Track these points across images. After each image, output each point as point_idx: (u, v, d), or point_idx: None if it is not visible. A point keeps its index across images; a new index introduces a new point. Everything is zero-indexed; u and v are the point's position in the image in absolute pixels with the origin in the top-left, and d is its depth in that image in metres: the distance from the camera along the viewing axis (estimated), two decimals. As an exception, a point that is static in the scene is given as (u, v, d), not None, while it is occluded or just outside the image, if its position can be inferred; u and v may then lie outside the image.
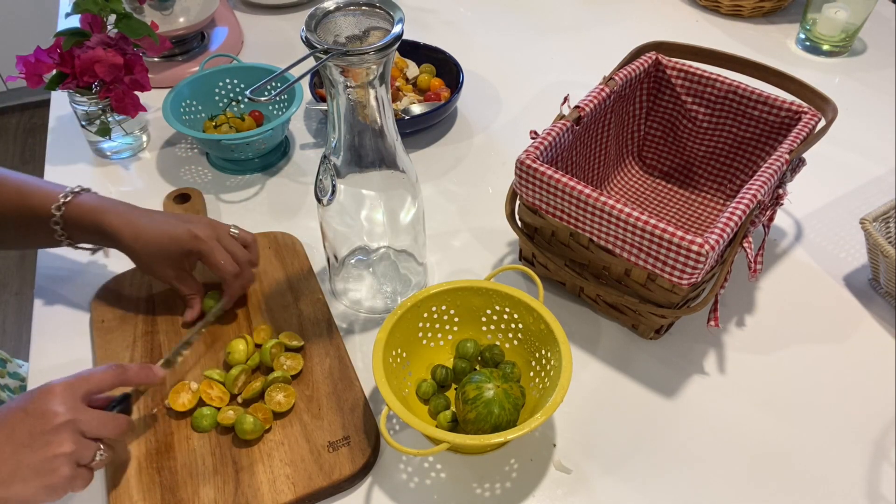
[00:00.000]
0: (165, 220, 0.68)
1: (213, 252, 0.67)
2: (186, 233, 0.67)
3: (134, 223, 0.66)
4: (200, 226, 0.68)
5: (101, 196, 0.69)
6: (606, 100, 0.74)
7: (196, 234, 0.67)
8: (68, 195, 0.66)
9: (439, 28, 1.19)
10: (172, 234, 0.67)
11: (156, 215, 0.69)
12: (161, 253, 0.67)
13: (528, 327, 0.66)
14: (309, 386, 0.66)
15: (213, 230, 0.69)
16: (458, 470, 0.62)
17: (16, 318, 1.92)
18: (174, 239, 0.67)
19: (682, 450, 0.64)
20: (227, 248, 0.69)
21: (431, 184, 0.90)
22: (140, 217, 0.67)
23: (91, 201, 0.67)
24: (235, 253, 0.69)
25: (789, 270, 0.79)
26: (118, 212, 0.67)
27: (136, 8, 1.00)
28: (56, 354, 0.70)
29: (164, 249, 0.67)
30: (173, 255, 0.67)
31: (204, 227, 0.68)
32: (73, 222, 0.66)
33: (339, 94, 0.58)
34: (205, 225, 0.69)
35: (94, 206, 0.67)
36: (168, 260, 0.68)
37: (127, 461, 0.60)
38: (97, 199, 0.68)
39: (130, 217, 0.67)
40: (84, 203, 0.67)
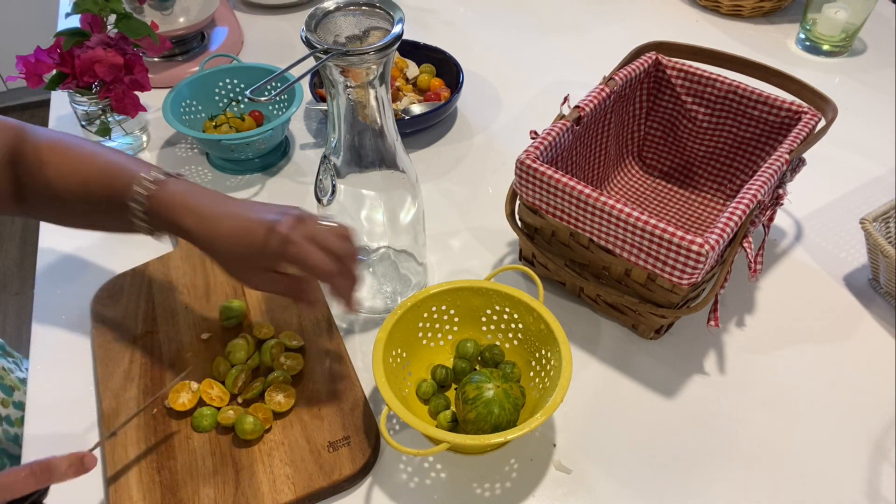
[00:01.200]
0: (248, 220, 0.56)
1: (305, 253, 0.55)
2: (274, 236, 0.55)
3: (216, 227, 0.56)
4: (289, 224, 0.55)
5: (189, 184, 0.59)
6: (606, 100, 0.74)
7: (284, 236, 0.55)
8: (155, 183, 0.57)
9: (439, 28, 1.19)
10: (253, 238, 0.56)
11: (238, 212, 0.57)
12: (245, 258, 0.57)
13: (529, 327, 0.66)
14: (309, 386, 0.66)
15: (304, 227, 0.56)
16: (458, 470, 0.62)
17: (16, 318, 1.92)
18: (256, 243, 0.55)
19: (682, 449, 0.64)
20: (323, 243, 0.56)
21: (431, 184, 0.90)
22: (221, 218, 0.57)
23: (176, 193, 0.58)
24: (332, 247, 0.57)
25: (789, 270, 0.79)
26: (196, 209, 0.57)
27: (136, 8, 1.00)
28: (56, 354, 0.70)
29: (247, 255, 0.56)
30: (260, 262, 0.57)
31: (293, 226, 0.55)
32: (154, 214, 0.58)
33: (339, 94, 0.58)
34: (295, 222, 0.56)
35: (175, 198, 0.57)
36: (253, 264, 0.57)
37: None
38: (183, 189, 0.58)
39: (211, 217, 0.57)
40: (167, 196, 0.57)
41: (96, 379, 0.67)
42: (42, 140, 0.62)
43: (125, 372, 0.67)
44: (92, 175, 0.60)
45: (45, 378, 0.69)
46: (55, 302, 0.75)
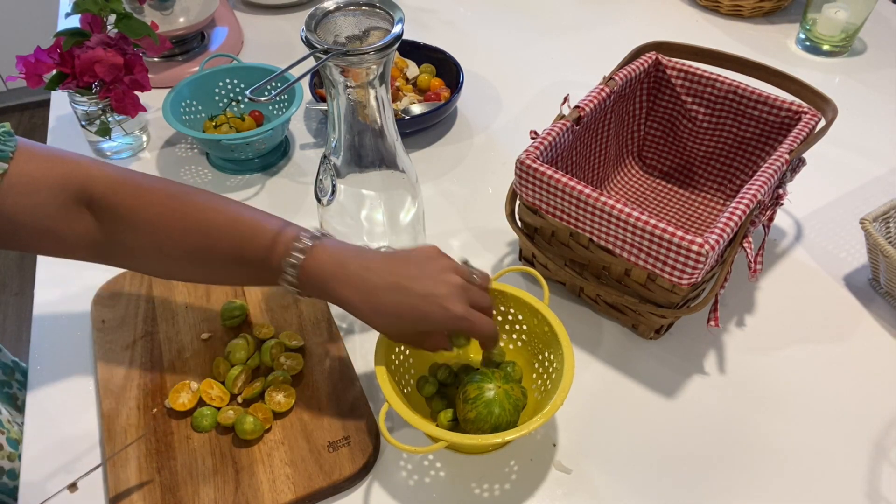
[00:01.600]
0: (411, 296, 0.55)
1: (478, 326, 0.56)
2: (444, 314, 0.55)
3: (374, 300, 0.55)
4: (455, 299, 0.55)
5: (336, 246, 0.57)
6: (606, 100, 0.74)
7: (456, 315, 0.55)
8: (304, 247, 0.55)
9: (439, 28, 1.19)
10: (425, 317, 0.55)
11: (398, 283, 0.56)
12: (410, 331, 0.57)
13: (533, 329, 0.65)
14: (309, 386, 0.66)
15: (466, 296, 0.56)
16: (458, 469, 0.62)
17: (16, 318, 1.92)
18: (427, 320, 0.55)
19: (682, 450, 0.64)
20: (480, 306, 0.57)
21: (431, 184, 0.90)
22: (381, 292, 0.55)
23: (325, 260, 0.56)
24: (485, 309, 0.58)
25: (789, 270, 0.79)
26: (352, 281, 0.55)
27: (136, 8, 1.00)
28: (56, 354, 0.70)
29: (412, 325, 0.56)
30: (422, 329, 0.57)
31: (459, 299, 0.55)
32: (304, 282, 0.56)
33: (339, 94, 0.58)
34: (458, 294, 0.56)
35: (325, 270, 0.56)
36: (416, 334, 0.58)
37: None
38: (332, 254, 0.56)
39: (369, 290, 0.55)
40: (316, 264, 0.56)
41: (96, 379, 0.67)
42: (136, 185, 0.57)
43: (125, 372, 0.67)
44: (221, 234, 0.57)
45: (45, 378, 0.69)
46: (55, 302, 0.75)
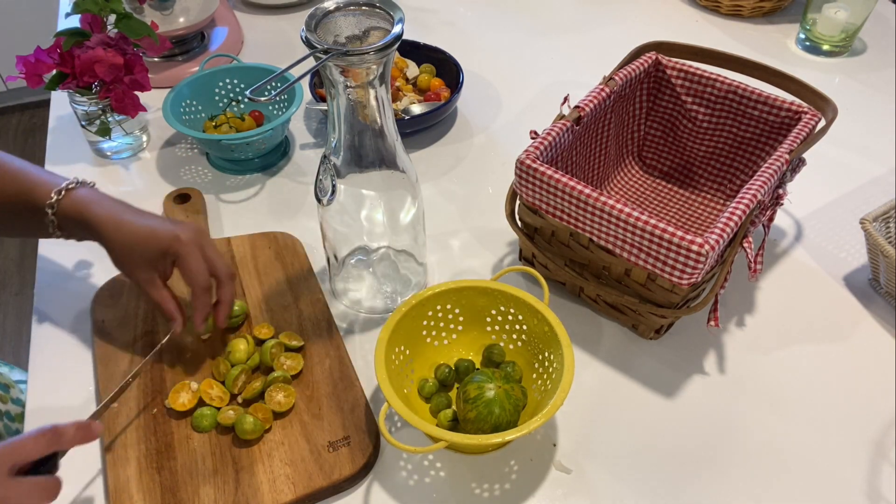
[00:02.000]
0: (152, 218, 0.65)
1: (189, 256, 0.63)
2: (168, 232, 0.63)
3: (118, 216, 0.64)
4: (187, 229, 0.64)
5: (98, 191, 0.67)
6: (606, 100, 0.74)
7: (177, 235, 0.63)
8: (67, 187, 0.64)
9: (439, 28, 1.19)
10: (154, 231, 0.63)
11: (146, 214, 0.65)
12: (138, 248, 0.63)
13: (533, 329, 0.65)
14: (309, 386, 0.66)
15: (198, 236, 0.65)
16: (458, 469, 0.62)
17: (16, 318, 1.92)
18: (154, 236, 0.63)
19: (682, 450, 0.64)
20: (208, 257, 0.65)
21: (431, 184, 0.90)
22: (126, 212, 0.65)
23: (86, 194, 0.65)
24: (215, 264, 0.65)
25: (789, 270, 0.79)
26: (106, 205, 0.65)
27: (136, 8, 1.00)
28: (56, 354, 0.70)
29: (141, 244, 0.63)
30: (149, 254, 0.63)
31: (190, 230, 0.64)
32: (65, 215, 0.64)
33: (339, 94, 0.58)
34: (192, 228, 0.65)
35: (85, 198, 0.64)
36: (143, 258, 0.64)
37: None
38: (93, 192, 0.66)
39: (117, 209, 0.64)
40: (79, 195, 0.64)
41: (96, 379, 0.67)
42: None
43: (125, 372, 0.67)
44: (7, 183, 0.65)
45: (45, 378, 0.69)
46: (55, 302, 0.75)
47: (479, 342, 0.69)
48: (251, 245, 0.79)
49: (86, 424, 0.56)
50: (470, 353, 0.69)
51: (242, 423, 0.61)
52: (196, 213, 0.83)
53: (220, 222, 0.84)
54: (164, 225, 0.64)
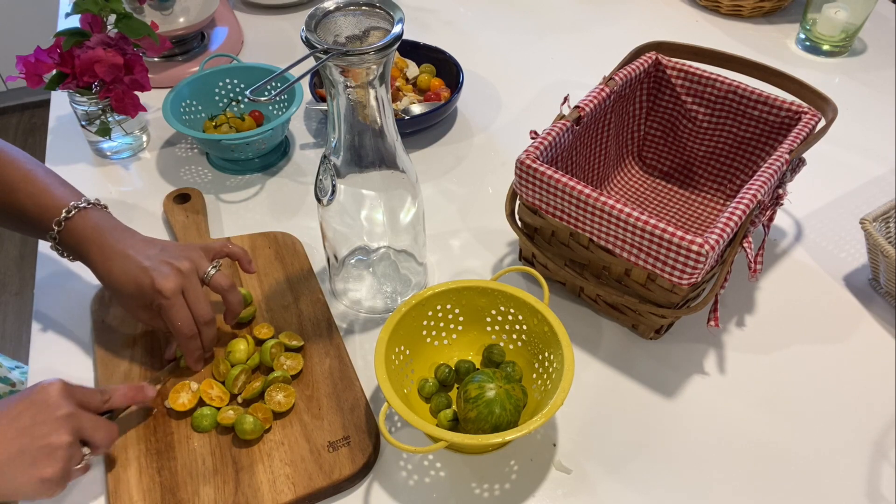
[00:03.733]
0: (135, 263, 0.62)
1: (170, 310, 0.62)
2: (149, 285, 0.62)
3: (108, 261, 0.63)
4: (166, 275, 0.62)
5: (102, 216, 0.65)
6: (606, 100, 0.74)
7: (157, 289, 0.61)
8: (71, 211, 0.64)
9: (439, 28, 1.19)
10: (137, 283, 0.62)
11: (132, 254, 0.63)
12: (127, 298, 0.63)
13: (533, 329, 0.65)
14: (309, 386, 0.66)
15: (181, 280, 0.63)
16: (458, 469, 0.62)
17: (16, 319, 1.92)
18: (138, 288, 0.62)
19: (682, 450, 0.64)
20: (191, 303, 0.63)
21: (431, 184, 0.90)
22: (116, 255, 0.63)
23: (88, 224, 0.64)
24: (197, 312, 0.64)
25: (789, 270, 0.79)
26: (102, 245, 0.63)
27: (136, 8, 1.00)
28: (56, 354, 0.70)
29: (128, 296, 0.63)
30: (136, 302, 0.63)
31: (170, 278, 0.62)
32: (66, 241, 0.65)
33: (339, 94, 0.58)
34: (174, 274, 0.62)
35: (84, 232, 0.64)
36: (132, 304, 0.64)
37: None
38: (96, 220, 0.64)
39: (108, 253, 0.63)
40: (80, 225, 0.64)
41: (96, 379, 0.67)
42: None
43: (125, 372, 0.67)
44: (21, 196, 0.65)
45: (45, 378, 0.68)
46: (55, 302, 0.75)
47: (479, 342, 0.69)
48: (251, 245, 0.79)
49: (137, 386, 0.61)
50: (470, 353, 0.69)
51: (242, 423, 0.61)
52: (196, 213, 0.83)
53: (220, 222, 0.84)
54: (147, 274, 0.62)
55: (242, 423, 0.61)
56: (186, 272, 0.63)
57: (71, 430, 0.53)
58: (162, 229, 0.83)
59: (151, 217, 0.85)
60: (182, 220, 0.82)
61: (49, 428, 0.52)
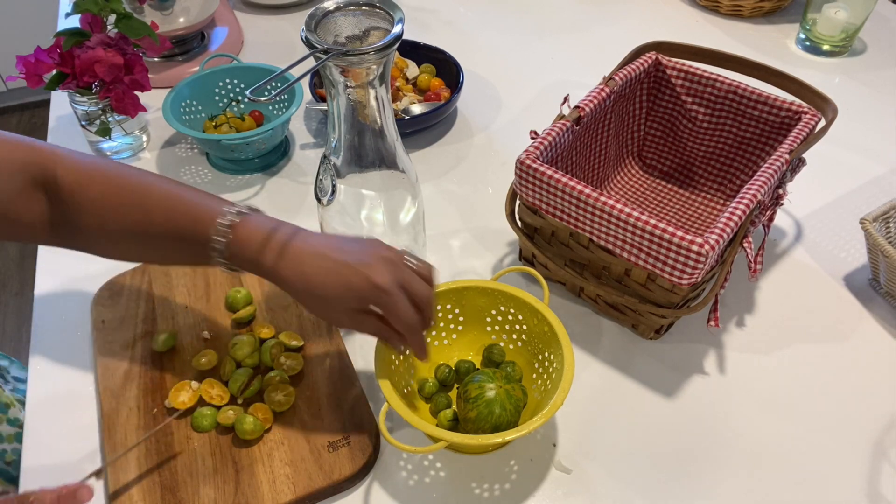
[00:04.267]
0: (337, 263, 0.55)
1: (395, 305, 0.55)
2: (365, 282, 0.54)
3: (299, 266, 0.55)
4: (381, 270, 0.54)
5: (267, 219, 0.57)
6: (606, 100, 0.74)
7: (377, 284, 0.53)
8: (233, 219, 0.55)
9: (439, 28, 1.19)
10: (348, 284, 0.54)
11: (324, 252, 0.55)
12: (334, 301, 0.55)
13: (533, 329, 0.65)
14: (309, 386, 0.66)
15: (395, 271, 0.55)
16: (458, 469, 0.62)
17: (16, 319, 1.92)
18: (350, 289, 0.54)
19: (682, 449, 0.64)
20: (410, 290, 0.56)
21: (431, 184, 0.90)
22: (307, 258, 0.55)
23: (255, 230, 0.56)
24: (418, 295, 0.56)
25: (789, 270, 0.79)
26: (280, 249, 0.55)
27: (136, 8, 1.00)
28: (56, 355, 0.70)
29: (337, 299, 0.55)
30: (346, 305, 0.55)
31: (385, 272, 0.54)
32: (234, 258, 0.56)
33: (339, 94, 0.58)
34: (386, 267, 0.55)
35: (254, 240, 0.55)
36: (342, 308, 0.55)
37: None
38: (262, 225, 0.56)
39: (298, 256, 0.55)
40: (246, 234, 0.55)
41: (96, 379, 0.67)
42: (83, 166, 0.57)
43: (125, 372, 0.67)
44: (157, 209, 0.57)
45: (45, 378, 0.69)
46: (55, 302, 0.75)
47: (479, 342, 0.69)
48: (251, 245, 0.79)
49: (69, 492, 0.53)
50: (470, 353, 0.69)
51: (242, 423, 0.61)
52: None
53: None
54: (356, 273, 0.54)
55: (242, 423, 0.61)
56: (396, 260, 0.56)
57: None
58: (162, 229, 0.83)
59: (151, 217, 0.85)
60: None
61: None
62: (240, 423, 0.61)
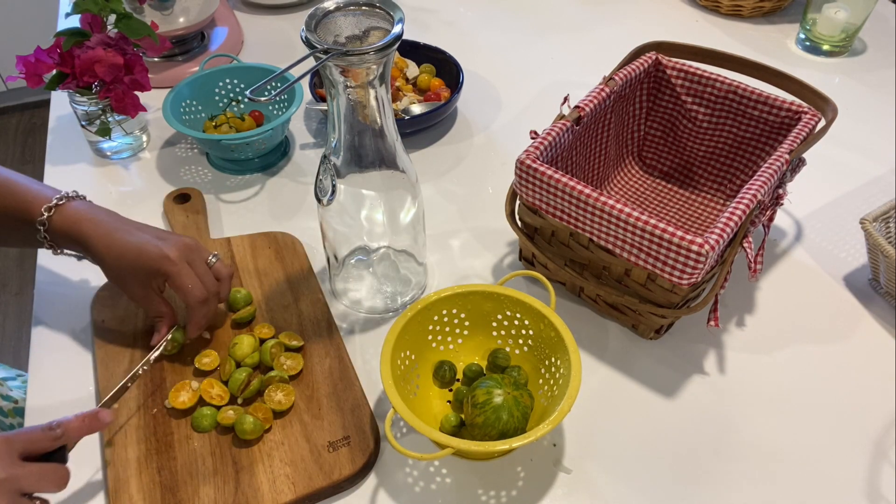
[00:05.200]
0: (142, 236, 0.64)
1: (179, 275, 0.64)
2: (157, 251, 0.63)
3: (109, 234, 0.64)
4: (175, 247, 0.64)
5: (91, 204, 0.67)
6: (606, 100, 0.74)
7: (166, 254, 0.63)
8: (60, 199, 0.64)
9: (439, 28, 1.19)
10: (142, 251, 0.63)
11: (135, 230, 0.65)
12: (129, 268, 0.64)
13: (539, 334, 0.65)
14: (309, 386, 0.66)
15: (186, 252, 0.65)
16: (464, 474, 0.62)
17: (16, 319, 1.92)
18: (143, 255, 0.63)
19: (682, 449, 0.64)
20: (198, 273, 0.65)
21: (431, 184, 0.90)
22: (117, 230, 0.64)
23: (78, 208, 0.65)
24: (204, 280, 0.65)
25: (789, 270, 0.79)
26: (97, 221, 0.64)
27: (136, 8, 1.00)
28: (56, 355, 0.70)
29: (132, 265, 0.63)
30: (141, 273, 0.64)
31: (177, 249, 0.64)
32: (57, 232, 0.64)
33: (339, 94, 0.58)
34: (180, 246, 0.65)
35: (77, 214, 0.64)
36: (136, 277, 0.64)
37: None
38: (85, 206, 0.66)
39: (107, 228, 0.64)
40: (71, 210, 0.64)
41: (96, 379, 0.67)
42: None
43: (125, 372, 0.67)
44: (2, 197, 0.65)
45: (45, 378, 0.69)
46: (55, 302, 0.75)
47: (484, 346, 0.69)
48: (251, 245, 0.79)
49: (92, 414, 0.57)
50: (475, 357, 0.69)
51: (242, 423, 0.61)
52: (196, 213, 0.83)
53: (220, 222, 0.84)
54: (153, 243, 0.64)
55: (242, 423, 0.61)
56: (193, 247, 0.66)
57: (8, 494, 0.49)
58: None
59: (151, 217, 0.85)
60: (182, 220, 0.82)
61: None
62: (240, 423, 0.61)
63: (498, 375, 0.62)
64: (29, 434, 0.53)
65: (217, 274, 0.68)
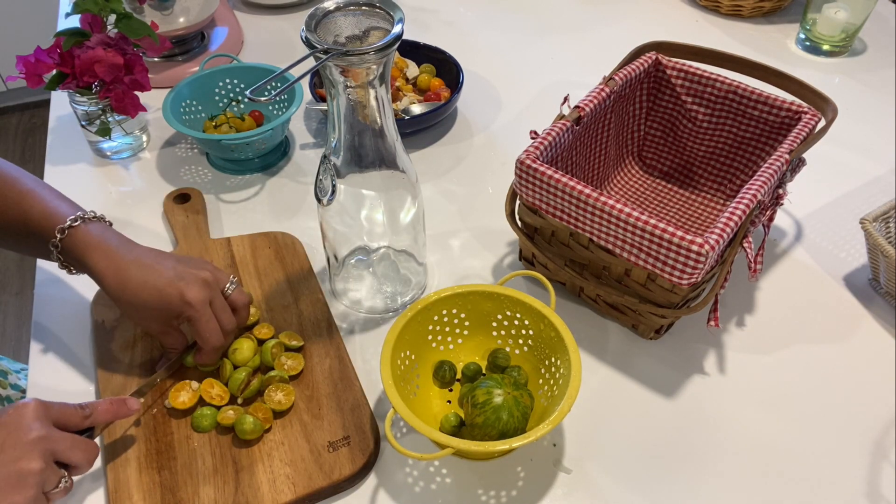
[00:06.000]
0: (157, 274, 0.61)
1: (201, 322, 0.62)
2: (177, 295, 0.61)
3: (122, 270, 0.61)
4: (196, 287, 0.61)
5: (104, 229, 0.64)
6: (606, 100, 0.74)
7: (188, 301, 0.61)
8: (74, 221, 0.62)
9: (439, 28, 1.19)
10: (162, 295, 0.61)
11: (151, 263, 0.62)
12: (145, 309, 0.61)
13: (539, 334, 0.65)
14: (309, 386, 0.66)
15: (208, 292, 0.62)
16: (464, 474, 0.62)
17: (16, 319, 1.92)
18: (163, 300, 0.61)
19: (682, 449, 0.64)
20: (218, 315, 0.63)
21: (431, 184, 0.90)
22: (130, 264, 0.61)
23: (89, 233, 0.62)
24: (223, 322, 0.64)
25: (789, 270, 0.79)
26: (108, 251, 0.62)
27: (136, 8, 1.00)
28: (56, 355, 0.70)
29: (149, 306, 0.61)
30: (161, 316, 0.62)
31: (198, 289, 0.61)
32: (68, 253, 0.62)
33: (339, 94, 0.58)
34: (200, 285, 0.62)
35: (86, 239, 0.62)
36: (153, 318, 0.62)
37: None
38: (98, 231, 0.63)
39: (119, 262, 0.61)
40: (81, 234, 0.62)
41: (96, 379, 0.67)
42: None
43: (125, 372, 0.67)
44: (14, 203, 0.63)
45: (44, 378, 0.69)
46: (55, 302, 0.75)
47: (484, 346, 0.69)
48: (251, 245, 0.79)
49: (120, 400, 0.58)
50: (475, 357, 0.69)
51: (242, 423, 0.61)
52: (196, 213, 0.83)
53: (220, 222, 0.84)
54: (173, 285, 0.61)
55: (242, 423, 0.61)
56: (212, 283, 0.63)
57: (43, 455, 0.50)
58: (162, 229, 0.83)
59: (151, 217, 0.85)
60: (182, 220, 0.82)
61: (19, 452, 0.49)
62: (240, 423, 0.61)
63: (498, 375, 0.62)
64: (63, 407, 0.55)
65: (234, 304, 0.66)
